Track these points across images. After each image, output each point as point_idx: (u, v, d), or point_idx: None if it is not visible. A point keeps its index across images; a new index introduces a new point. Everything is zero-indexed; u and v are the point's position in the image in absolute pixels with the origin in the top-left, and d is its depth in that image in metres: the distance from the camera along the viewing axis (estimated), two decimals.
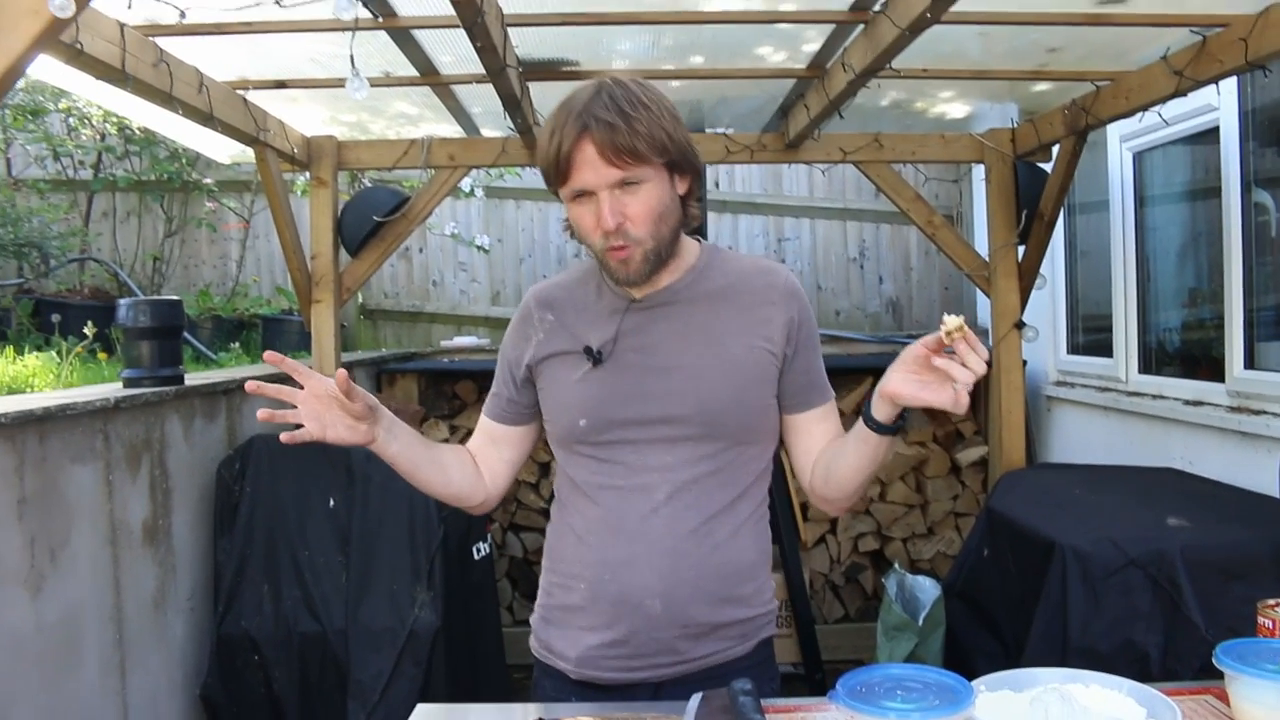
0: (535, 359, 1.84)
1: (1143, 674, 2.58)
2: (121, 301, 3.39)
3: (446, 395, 5.55)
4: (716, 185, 6.76)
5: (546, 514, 1.98)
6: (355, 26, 2.61)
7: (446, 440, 5.24)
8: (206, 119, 3.17)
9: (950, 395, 1.50)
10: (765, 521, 1.86)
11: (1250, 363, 3.53)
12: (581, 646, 1.79)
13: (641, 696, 1.76)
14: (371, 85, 3.35)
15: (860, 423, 1.65)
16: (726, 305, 1.78)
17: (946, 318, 1.48)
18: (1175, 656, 2.66)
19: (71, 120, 6.13)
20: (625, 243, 1.66)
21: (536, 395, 1.87)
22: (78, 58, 2.39)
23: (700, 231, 5.45)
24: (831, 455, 1.77)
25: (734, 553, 1.77)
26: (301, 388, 1.66)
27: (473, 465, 1.93)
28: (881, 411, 1.61)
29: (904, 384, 1.55)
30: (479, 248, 6.71)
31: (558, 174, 1.65)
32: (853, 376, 5.30)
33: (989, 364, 1.52)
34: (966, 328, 1.48)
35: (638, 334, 1.77)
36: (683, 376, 1.74)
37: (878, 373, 5.37)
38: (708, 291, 1.79)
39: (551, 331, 1.84)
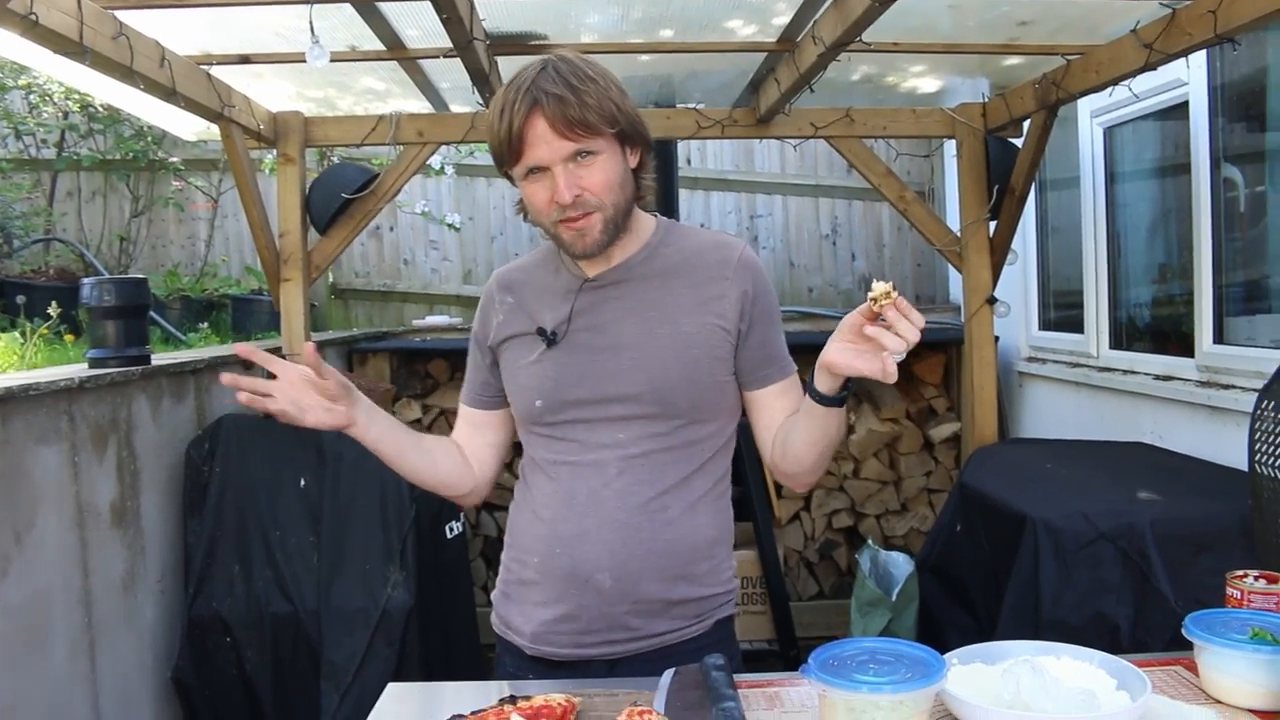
0: (496, 341, 1.86)
1: (1113, 646, 2.58)
2: (85, 281, 3.33)
3: (419, 374, 5.52)
4: (688, 162, 6.73)
5: None
6: None
7: (419, 420, 5.22)
8: (169, 94, 3.11)
9: (878, 365, 1.47)
10: (725, 499, 1.85)
11: (1219, 338, 3.55)
12: (535, 622, 1.80)
13: (596, 673, 1.76)
14: (338, 59, 3.32)
15: (806, 395, 1.64)
16: (679, 281, 1.77)
17: (875, 284, 1.47)
18: (1145, 628, 2.68)
19: (32, 98, 6.01)
20: (584, 210, 1.65)
21: None
22: (33, 29, 2.33)
23: (671, 209, 5.43)
24: (787, 429, 1.75)
25: (688, 529, 1.76)
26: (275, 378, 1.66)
27: (459, 454, 1.93)
28: (823, 383, 1.58)
29: (839, 353, 1.52)
30: (450, 226, 6.66)
31: (510, 152, 1.64)
32: None
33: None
34: (896, 293, 1.46)
35: (590, 313, 1.77)
36: (633, 355, 1.74)
37: None
38: (661, 268, 1.79)
39: (510, 314, 1.84)
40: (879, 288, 1.46)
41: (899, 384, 5.26)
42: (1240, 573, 1.71)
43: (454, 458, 1.92)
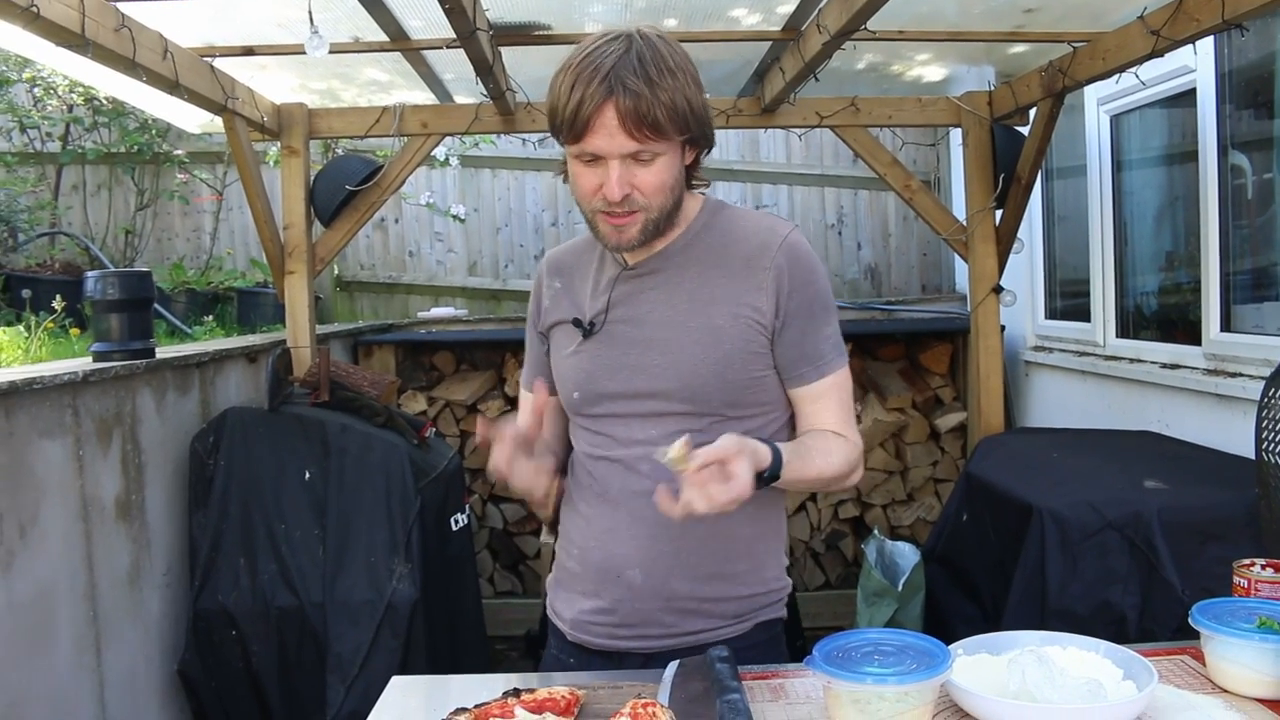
0: (545, 326, 1.86)
1: (1120, 635, 2.59)
2: (89, 274, 3.33)
3: (424, 366, 5.52)
4: None
5: None
6: None
7: (424, 412, 5.22)
8: (172, 87, 3.11)
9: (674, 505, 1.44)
10: (772, 496, 1.76)
11: (1226, 325, 3.53)
12: (575, 610, 1.81)
13: (632, 665, 1.76)
14: (342, 51, 3.31)
15: None
16: (718, 271, 1.71)
17: (672, 447, 1.43)
18: (1152, 617, 2.67)
19: (37, 91, 6.01)
20: (630, 209, 1.61)
21: None
22: (34, 21, 2.33)
23: None
24: None
25: (721, 528, 1.66)
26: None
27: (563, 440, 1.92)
28: None
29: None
30: (455, 217, 6.65)
31: (570, 131, 1.56)
32: None
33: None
34: (692, 456, 1.41)
35: (627, 303, 1.74)
36: (665, 349, 1.69)
37: (856, 339, 5.36)
38: (701, 255, 1.73)
39: (556, 299, 1.83)
40: (672, 451, 1.43)
41: (905, 374, 5.30)
42: (1247, 561, 1.70)
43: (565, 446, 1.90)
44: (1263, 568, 1.67)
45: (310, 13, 2.58)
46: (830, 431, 1.74)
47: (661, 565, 1.72)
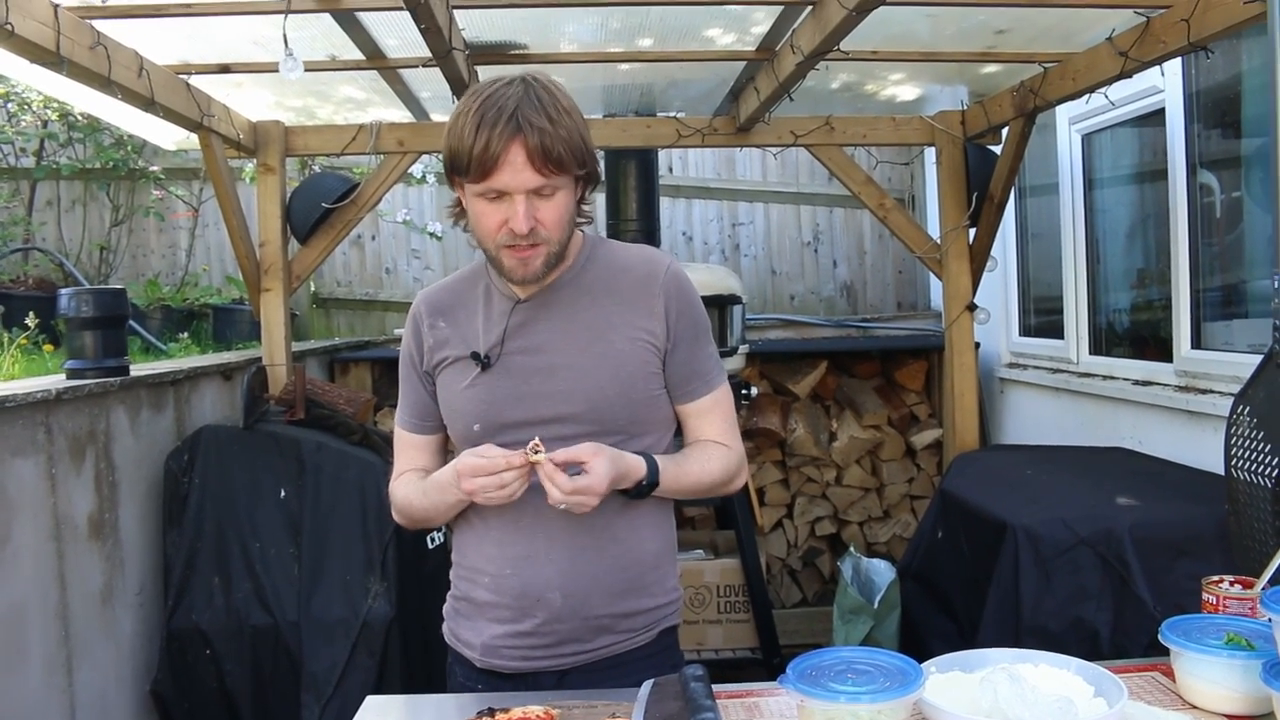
0: (430, 366, 1.86)
1: (1093, 651, 2.61)
2: (63, 291, 3.32)
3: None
4: (670, 170, 6.73)
5: None
6: (288, 9, 2.57)
7: None
8: (148, 104, 3.10)
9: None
10: (667, 509, 1.88)
11: (1197, 342, 3.57)
12: (486, 636, 1.82)
13: (545, 685, 1.78)
14: (317, 69, 3.31)
15: None
16: (609, 298, 1.78)
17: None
18: (1124, 633, 2.69)
19: (11, 106, 5.98)
20: (534, 241, 1.66)
21: None
22: (9, 39, 2.32)
23: (652, 217, 5.38)
24: None
25: (634, 544, 1.79)
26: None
27: None
28: None
29: None
30: (431, 234, 6.64)
31: (476, 169, 1.61)
32: (808, 361, 5.31)
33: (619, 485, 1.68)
34: (542, 454, 1.60)
35: (523, 334, 1.77)
36: (569, 375, 1.74)
37: (832, 357, 5.38)
38: (590, 285, 1.79)
39: (441, 338, 1.84)
40: (528, 447, 1.62)
41: (881, 391, 5.32)
42: (1216, 578, 1.72)
43: None
44: (1231, 584, 1.69)
45: (285, 35, 2.58)
46: (713, 441, 1.85)
47: (581, 585, 1.75)
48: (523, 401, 1.75)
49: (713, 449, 1.83)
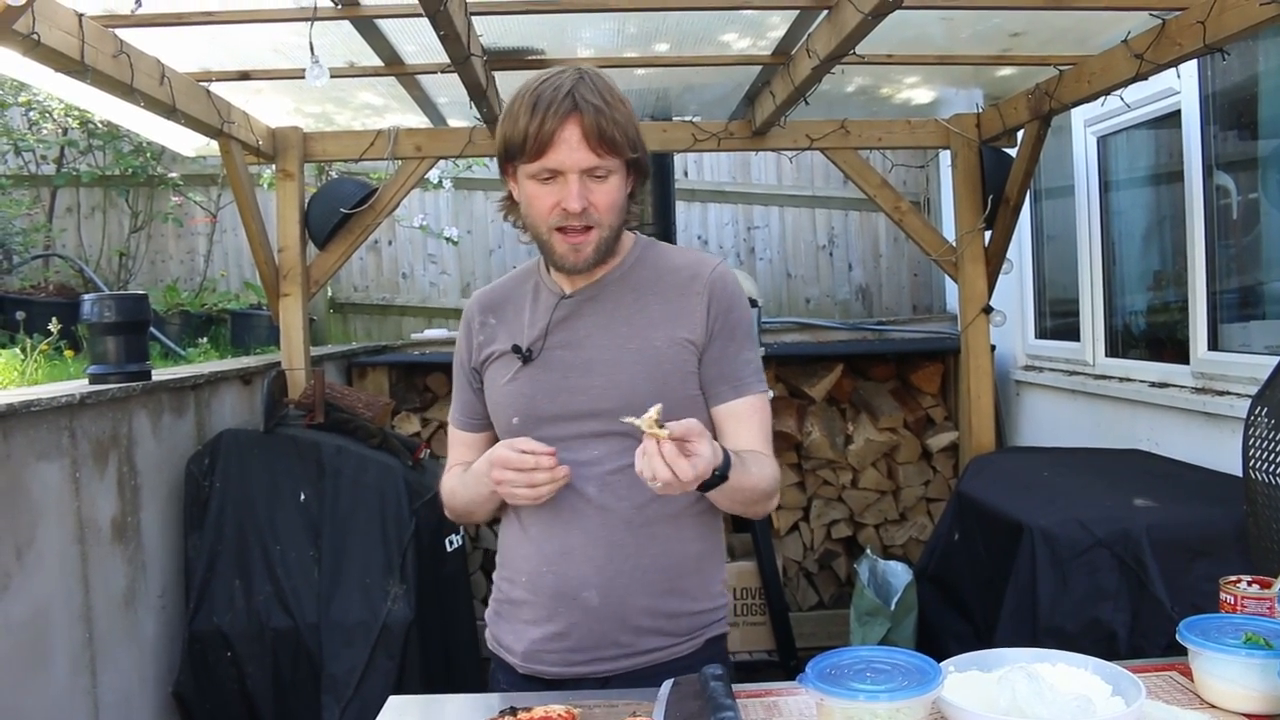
0: (478, 362, 1.88)
1: (1110, 652, 2.61)
2: (85, 297, 3.35)
3: (418, 388, 5.53)
4: (685, 174, 6.76)
5: None
6: (314, 16, 2.59)
7: (418, 434, 5.23)
8: (169, 111, 3.14)
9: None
10: (712, 513, 1.84)
11: (1214, 344, 3.56)
12: (526, 640, 1.81)
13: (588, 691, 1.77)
14: (336, 75, 3.34)
15: None
16: (653, 297, 1.78)
17: (648, 413, 1.50)
18: (1142, 634, 2.69)
19: (32, 114, 6.03)
20: (587, 224, 1.67)
21: None
22: (35, 49, 2.35)
23: (668, 221, 5.40)
24: None
25: (674, 544, 1.77)
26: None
27: None
28: None
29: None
30: (448, 239, 6.68)
31: (532, 149, 1.63)
32: (823, 364, 5.31)
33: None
34: (662, 430, 1.48)
35: (565, 329, 1.79)
36: (606, 370, 1.75)
37: (848, 360, 5.36)
38: (636, 283, 1.80)
39: (490, 334, 1.86)
40: (649, 414, 1.50)
41: (897, 394, 5.32)
42: (1234, 578, 1.72)
43: None
44: (1249, 584, 1.70)
45: (311, 43, 2.61)
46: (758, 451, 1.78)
47: (619, 583, 1.74)
48: (559, 395, 1.76)
49: (763, 458, 1.76)
